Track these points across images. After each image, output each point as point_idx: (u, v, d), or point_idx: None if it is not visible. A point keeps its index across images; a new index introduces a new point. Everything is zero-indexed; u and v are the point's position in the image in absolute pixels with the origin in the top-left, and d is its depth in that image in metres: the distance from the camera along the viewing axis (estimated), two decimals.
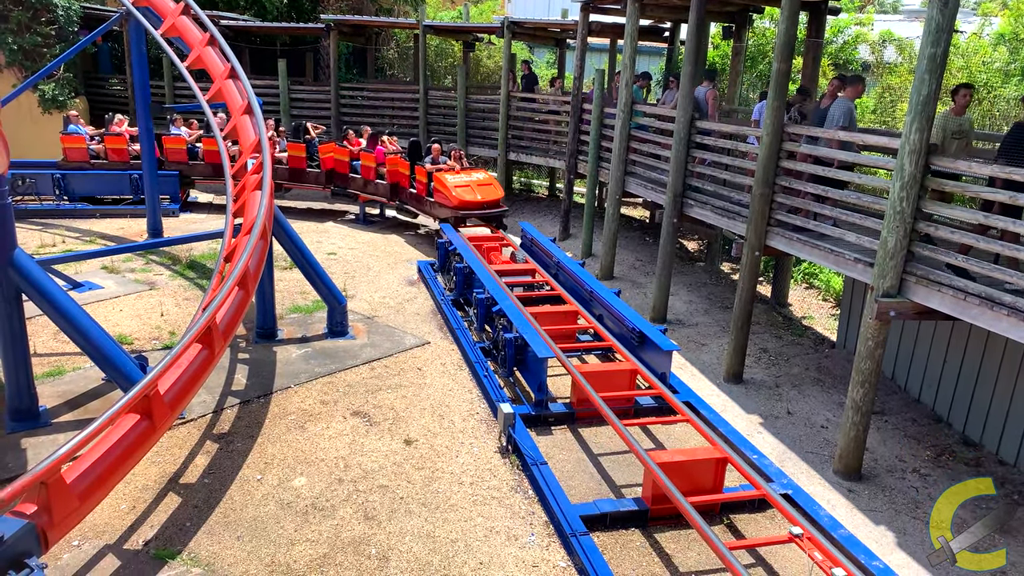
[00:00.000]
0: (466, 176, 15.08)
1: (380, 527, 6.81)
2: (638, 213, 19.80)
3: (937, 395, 9.55)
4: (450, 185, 14.60)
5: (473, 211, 14.58)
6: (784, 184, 9.52)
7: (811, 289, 14.62)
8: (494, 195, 14.89)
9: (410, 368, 10.04)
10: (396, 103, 20.99)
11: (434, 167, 15.24)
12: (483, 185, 14.94)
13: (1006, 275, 6.63)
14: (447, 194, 14.56)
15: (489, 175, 15.43)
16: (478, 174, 15.33)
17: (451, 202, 14.50)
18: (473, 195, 14.56)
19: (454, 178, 14.82)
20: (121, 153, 17.68)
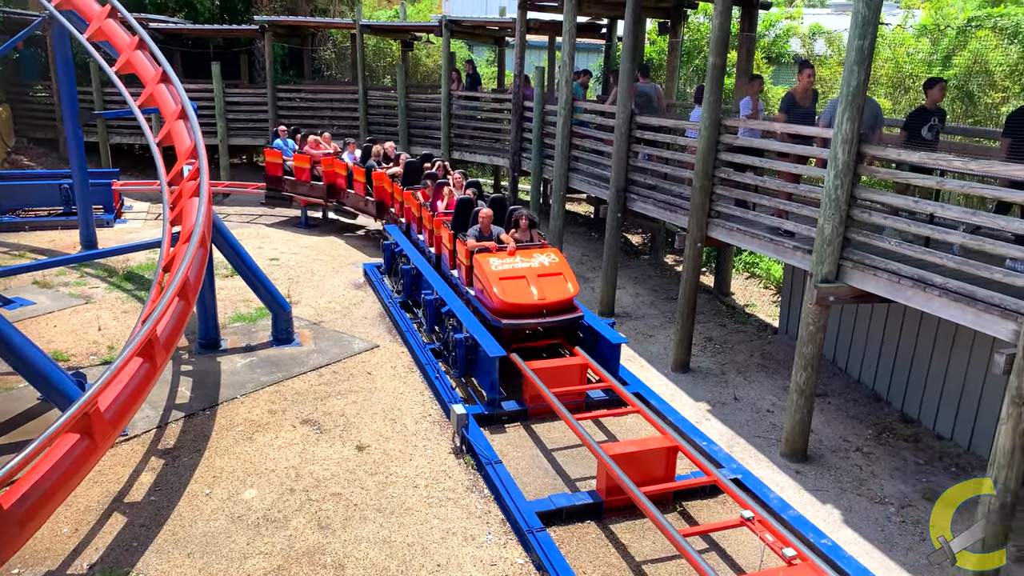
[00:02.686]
0: (522, 260, 9.83)
1: (335, 535, 6.73)
2: (583, 209, 19.96)
3: (876, 375, 9.86)
4: (492, 275, 9.52)
5: (528, 318, 9.41)
6: (723, 176, 9.70)
7: (753, 278, 14.93)
8: (563, 293, 9.53)
9: (359, 373, 9.93)
10: (335, 104, 20.73)
11: (476, 243, 10.19)
12: (547, 276, 9.66)
13: (936, 257, 6.87)
14: (486, 288, 9.52)
15: (557, 257, 10.05)
16: (541, 256, 10.00)
17: (493, 302, 9.38)
18: (528, 294, 9.40)
19: (499, 263, 9.74)
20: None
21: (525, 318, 9.36)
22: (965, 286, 6.55)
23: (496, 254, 9.90)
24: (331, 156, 16.35)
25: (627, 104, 11.59)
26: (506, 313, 9.36)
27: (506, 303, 9.25)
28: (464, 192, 11.81)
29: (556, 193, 14.17)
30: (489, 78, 24.52)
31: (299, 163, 16.68)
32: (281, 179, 17.22)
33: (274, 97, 20.29)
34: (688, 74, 19.73)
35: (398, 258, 12.82)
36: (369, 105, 20.03)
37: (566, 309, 9.55)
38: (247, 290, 11.12)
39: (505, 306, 9.29)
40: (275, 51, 20.67)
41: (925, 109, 8.33)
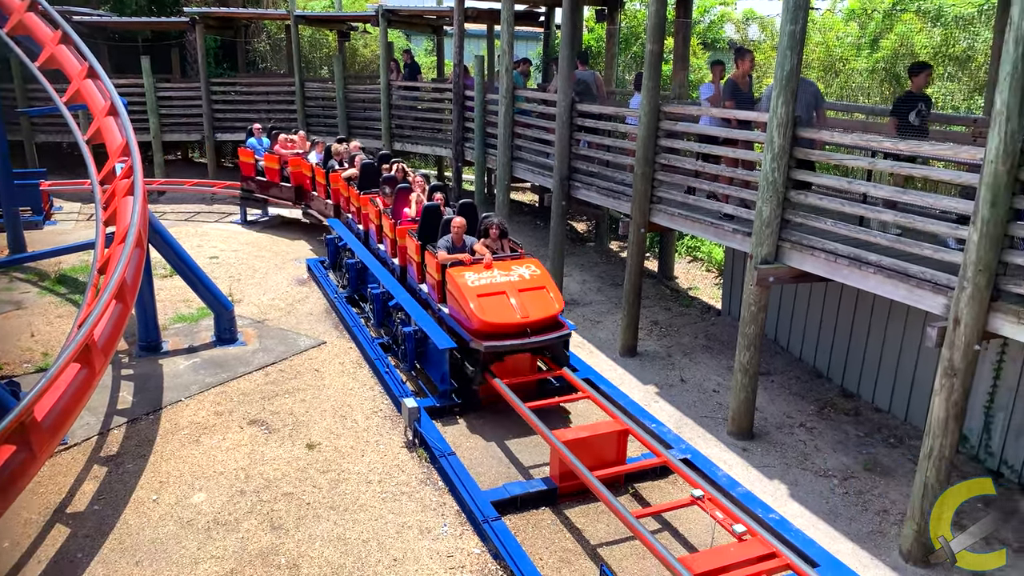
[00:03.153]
0: (500, 274, 8.93)
1: (288, 535, 6.65)
2: (527, 198, 20.01)
3: (817, 352, 10.15)
4: (467, 291, 8.60)
5: (511, 339, 8.42)
6: (664, 162, 9.83)
7: (695, 261, 15.19)
8: (547, 309, 8.67)
9: (307, 370, 9.80)
10: (272, 97, 20.32)
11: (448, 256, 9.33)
12: (528, 290, 8.78)
13: (870, 235, 7.09)
14: (462, 306, 8.60)
15: (538, 268, 9.24)
16: (520, 268, 9.14)
17: (471, 322, 8.47)
18: (509, 312, 8.48)
19: (475, 277, 8.83)
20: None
21: (507, 339, 8.36)
22: (898, 263, 6.78)
23: (471, 267, 8.96)
24: (299, 156, 15.66)
25: (568, 92, 11.64)
26: (486, 334, 8.38)
27: (485, 323, 8.31)
28: (431, 197, 10.87)
29: (500, 183, 14.17)
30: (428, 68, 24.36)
31: (269, 163, 15.98)
32: (254, 180, 16.58)
33: (208, 91, 19.78)
34: (626, 61, 19.93)
35: (342, 252, 12.67)
36: (307, 97, 19.68)
37: (552, 326, 8.67)
38: (187, 290, 10.85)
39: (484, 326, 8.35)
40: (207, 44, 20.12)
41: (912, 95, 8.13)
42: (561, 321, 8.74)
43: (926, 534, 6.39)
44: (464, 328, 8.67)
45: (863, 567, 6.42)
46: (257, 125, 17.34)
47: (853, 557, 6.55)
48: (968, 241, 5.84)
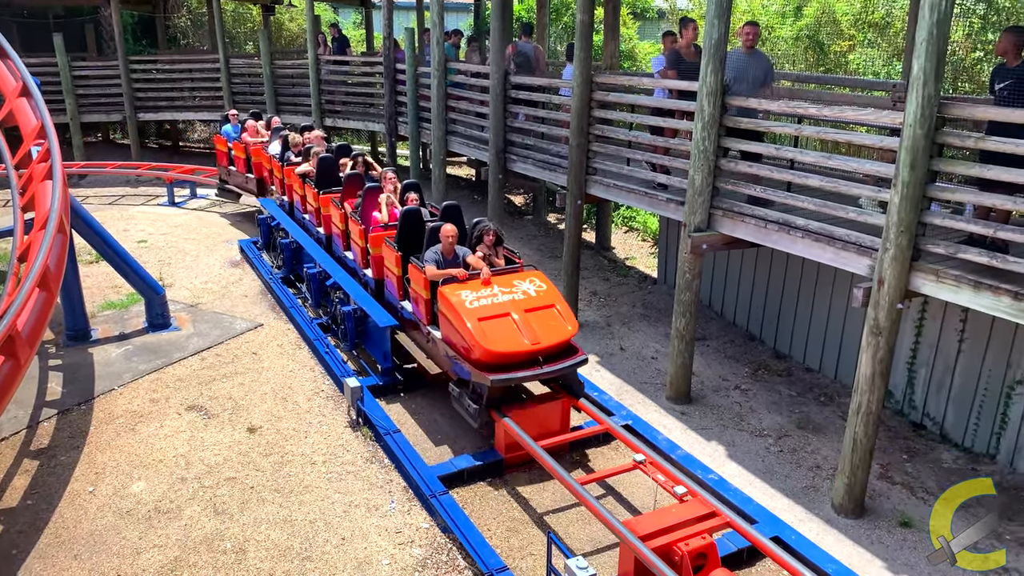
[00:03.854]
0: (501, 291, 7.66)
1: (233, 520, 6.56)
2: (464, 172, 19.90)
3: (749, 316, 10.44)
4: (466, 313, 7.29)
5: (521, 370, 7.15)
6: (598, 133, 9.89)
7: (631, 231, 15.40)
8: (560, 332, 7.41)
9: (245, 353, 9.63)
10: (196, 75, 19.63)
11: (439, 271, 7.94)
12: (536, 310, 7.53)
13: (798, 201, 7.30)
14: (460, 332, 7.29)
15: (543, 283, 7.96)
16: (523, 283, 7.87)
17: (472, 351, 7.16)
18: (516, 337, 7.19)
19: (473, 296, 7.50)
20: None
21: (516, 370, 7.09)
22: (825, 227, 7.00)
23: (466, 284, 7.63)
24: (261, 145, 14.24)
25: (500, 64, 11.58)
26: (491, 365, 7.07)
27: (489, 351, 6.98)
28: (404, 198, 9.61)
29: (436, 157, 14.06)
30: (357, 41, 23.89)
31: (237, 153, 14.86)
32: (226, 169, 15.48)
33: (127, 70, 18.98)
34: (558, 32, 19.91)
35: (276, 232, 12.41)
36: (232, 74, 19.08)
37: (565, 352, 7.40)
38: (115, 276, 10.50)
39: (489, 356, 7.01)
40: (124, 19, 19.30)
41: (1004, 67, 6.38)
42: (575, 345, 7.52)
43: (856, 487, 6.69)
44: (463, 357, 7.29)
45: (798, 521, 6.69)
46: (233, 111, 16.13)
47: (789, 512, 6.82)
48: (890, 203, 6.07)
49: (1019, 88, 5.93)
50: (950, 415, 7.91)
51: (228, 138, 15.23)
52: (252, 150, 14.25)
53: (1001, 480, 7.21)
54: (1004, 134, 5.67)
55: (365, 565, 6.07)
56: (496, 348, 7.03)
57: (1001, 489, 7.08)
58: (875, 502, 6.93)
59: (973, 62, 12.31)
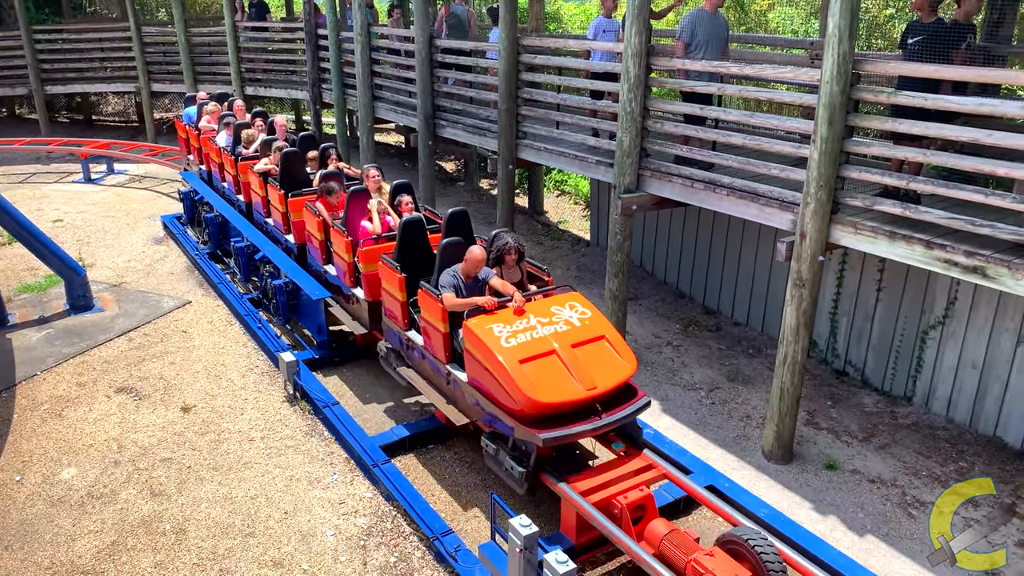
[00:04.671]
0: (538, 321, 6.25)
1: (171, 501, 6.45)
2: (393, 139, 19.62)
3: (679, 274, 10.67)
4: (504, 355, 5.87)
5: (576, 424, 5.73)
6: (527, 96, 9.87)
7: (563, 195, 15.49)
8: (618, 371, 6.05)
9: (174, 332, 9.39)
10: (106, 44, 18.71)
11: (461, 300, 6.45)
12: (584, 344, 6.16)
13: (722, 159, 7.46)
14: (498, 378, 5.86)
15: (588, 309, 6.55)
16: (562, 310, 6.46)
17: (516, 401, 5.70)
18: (568, 382, 5.81)
19: (508, 331, 6.10)
20: None
21: (571, 422, 5.69)
22: (749, 184, 7.18)
23: (495, 316, 6.24)
24: (208, 135, 12.24)
25: (425, 28, 11.40)
26: (539, 418, 5.70)
27: (539, 404, 5.61)
28: (395, 201, 8.30)
29: (363, 124, 13.82)
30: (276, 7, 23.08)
31: (194, 142, 13.05)
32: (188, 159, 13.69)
33: (31, 40, 17.97)
34: None
35: (200, 207, 12.05)
36: (145, 43, 18.25)
37: (624, 395, 6.03)
38: (31, 257, 10.06)
39: (538, 408, 5.63)
40: None
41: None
42: (633, 385, 6.15)
43: (784, 434, 6.98)
44: (501, 408, 5.91)
45: (731, 469, 6.96)
46: (202, 93, 14.21)
47: (722, 461, 7.08)
48: (809, 159, 6.25)
49: (930, 43, 6.15)
50: (870, 361, 8.29)
51: (187, 123, 13.35)
52: (202, 139, 12.40)
53: (917, 420, 7.62)
54: (915, 89, 5.89)
55: (309, 537, 6.06)
56: (546, 399, 5.62)
57: (916, 429, 7.49)
58: (802, 447, 7.24)
59: (886, 19, 12.70)
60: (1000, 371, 7.14)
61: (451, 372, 6.58)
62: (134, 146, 16.93)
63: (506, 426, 5.91)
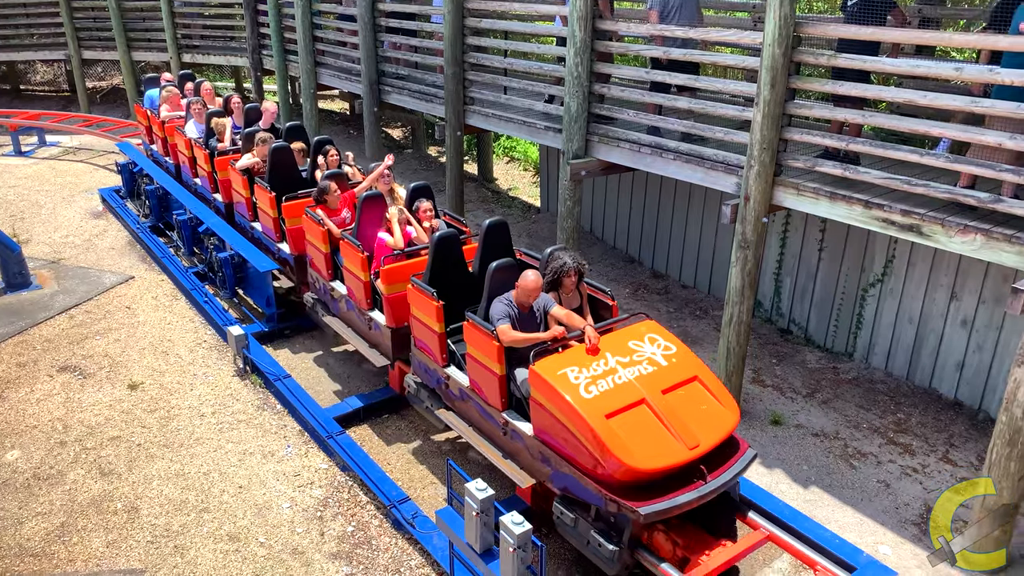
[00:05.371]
0: (618, 362, 5.20)
1: (121, 480, 6.36)
2: (338, 106, 19.25)
3: (628, 239, 10.78)
4: (586, 408, 4.80)
5: (681, 494, 4.68)
6: (473, 61, 9.76)
7: (513, 162, 15.44)
8: (721, 423, 5.03)
9: (117, 308, 9.16)
10: (31, 10, 17.87)
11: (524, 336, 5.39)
12: (675, 389, 5.14)
13: (668, 123, 7.52)
14: (581, 438, 4.80)
15: (673, 343, 5.52)
16: (644, 344, 5.43)
17: (608, 465, 4.65)
18: (666, 440, 4.78)
19: (586, 377, 5.02)
20: None
21: (671, 490, 4.69)
22: (695, 148, 7.26)
23: (566, 356, 5.20)
24: (174, 123, 11.02)
25: None
26: (634, 485, 4.71)
27: (637, 471, 4.61)
28: (413, 206, 7.26)
29: (306, 91, 13.52)
30: None
31: (157, 130, 11.63)
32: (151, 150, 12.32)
33: None
34: None
35: (139, 179, 11.70)
36: (73, 8, 17.48)
37: (727, 450, 5.03)
38: None
39: (634, 475, 4.65)
40: None
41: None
42: (737, 438, 5.14)
43: (731, 392, 7.15)
44: (585, 473, 4.87)
45: None
46: (166, 74, 12.97)
47: None
48: (753, 122, 6.34)
49: (868, 6, 6.26)
50: (813, 319, 8.53)
51: (148, 108, 11.96)
52: (167, 128, 11.09)
53: (858, 375, 7.90)
54: (854, 51, 6.00)
55: (265, 510, 6.05)
56: (645, 464, 4.61)
57: (857, 383, 7.76)
58: (749, 404, 7.45)
59: None
60: (935, 325, 7.42)
61: (509, 422, 5.49)
62: (67, 117, 16.30)
63: (589, 493, 4.86)
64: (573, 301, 5.90)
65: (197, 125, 10.41)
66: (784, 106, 6.24)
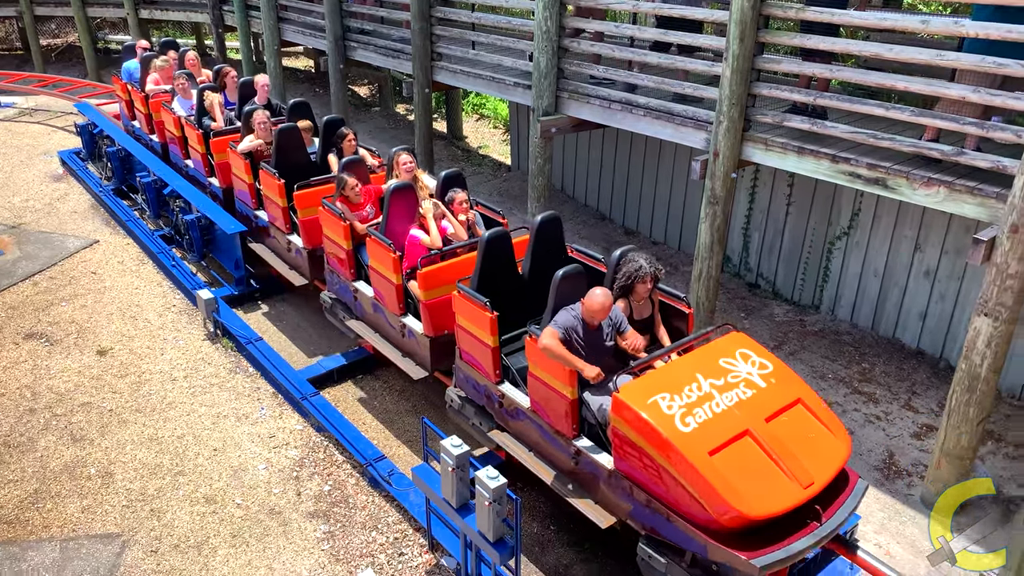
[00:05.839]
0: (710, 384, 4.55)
1: (94, 445, 6.33)
2: (302, 63, 18.84)
3: (599, 197, 10.79)
4: (686, 444, 4.17)
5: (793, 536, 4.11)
6: (440, 16, 9.60)
7: (482, 119, 15.29)
8: (834, 455, 4.39)
9: (82, 274, 9.01)
10: None
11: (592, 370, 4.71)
12: (779, 415, 4.49)
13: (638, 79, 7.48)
14: (681, 480, 4.15)
15: (768, 360, 4.83)
16: (736, 362, 4.76)
17: (714, 508, 4.02)
18: (778, 479, 4.16)
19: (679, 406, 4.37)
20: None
21: (785, 535, 4.13)
22: (665, 104, 7.25)
23: (652, 380, 4.61)
24: (160, 98, 9.99)
25: None
26: (743, 532, 4.12)
27: (749, 517, 4.01)
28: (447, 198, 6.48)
29: (269, 48, 13.21)
30: None
31: (140, 105, 10.62)
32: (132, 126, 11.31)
33: None
34: None
35: (100, 140, 11.42)
36: None
37: (839, 483, 4.46)
38: None
39: (745, 522, 4.05)
40: None
41: None
42: (848, 472, 4.56)
43: None
44: (684, 516, 4.29)
45: None
46: (143, 42, 11.78)
47: None
48: (722, 77, 6.34)
49: None
50: (781, 273, 8.66)
51: (127, 81, 10.98)
52: (153, 104, 10.18)
53: (824, 327, 8.06)
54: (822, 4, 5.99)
55: (241, 472, 6.07)
56: (758, 511, 4.02)
57: (823, 335, 7.92)
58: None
59: None
60: (899, 277, 7.57)
61: (581, 452, 4.87)
62: (20, 76, 15.78)
63: (686, 537, 4.28)
64: (645, 310, 5.27)
65: (183, 101, 9.55)
66: (753, 60, 6.24)
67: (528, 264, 5.85)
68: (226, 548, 5.39)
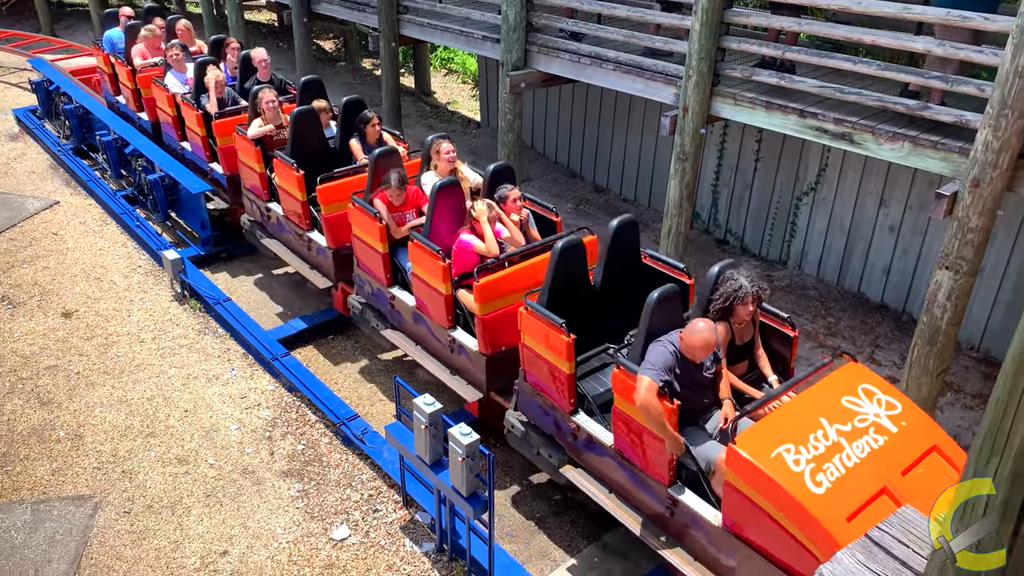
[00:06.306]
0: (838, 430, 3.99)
1: (62, 408, 6.27)
2: (265, 17, 18.36)
3: (570, 154, 10.75)
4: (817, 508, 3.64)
5: None
6: None
7: (451, 74, 15.08)
8: None
9: (43, 235, 8.82)
10: None
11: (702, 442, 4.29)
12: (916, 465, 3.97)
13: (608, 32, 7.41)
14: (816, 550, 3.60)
15: (898, 400, 4.24)
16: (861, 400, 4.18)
17: None
18: None
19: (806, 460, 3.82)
20: None
21: None
22: (634, 58, 7.19)
23: (771, 427, 4.05)
24: (150, 72, 9.18)
25: None
26: None
27: None
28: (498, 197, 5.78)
29: (231, 2, 12.84)
30: None
31: (124, 80, 9.81)
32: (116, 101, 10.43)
33: None
34: None
35: (57, 97, 11.08)
36: None
37: None
38: None
39: None
40: None
41: None
42: None
43: None
44: None
45: None
46: (127, 9, 10.54)
47: None
48: (691, 31, 6.30)
49: None
50: (749, 229, 8.73)
51: (110, 52, 10.04)
52: (141, 80, 9.29)
53: (791, 282, 8.17)
54: None
55: (213, 432, 6.06)
56: None
57: (791, 290, 8.04)
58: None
59: None
60: (864, 231, 7.68)
61: (679, 502, 4.31)
62: None
63: None
64: (747, 333, 4.67)
65: (177, 75, 8.68)
66: (722, 14, 6.20)
67: (601, 273, 5.26)
68: (200, 508, 5.40)
